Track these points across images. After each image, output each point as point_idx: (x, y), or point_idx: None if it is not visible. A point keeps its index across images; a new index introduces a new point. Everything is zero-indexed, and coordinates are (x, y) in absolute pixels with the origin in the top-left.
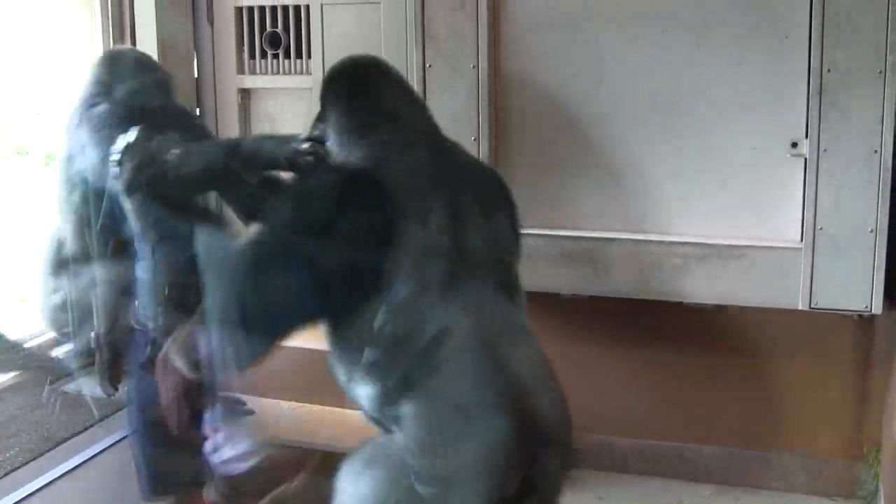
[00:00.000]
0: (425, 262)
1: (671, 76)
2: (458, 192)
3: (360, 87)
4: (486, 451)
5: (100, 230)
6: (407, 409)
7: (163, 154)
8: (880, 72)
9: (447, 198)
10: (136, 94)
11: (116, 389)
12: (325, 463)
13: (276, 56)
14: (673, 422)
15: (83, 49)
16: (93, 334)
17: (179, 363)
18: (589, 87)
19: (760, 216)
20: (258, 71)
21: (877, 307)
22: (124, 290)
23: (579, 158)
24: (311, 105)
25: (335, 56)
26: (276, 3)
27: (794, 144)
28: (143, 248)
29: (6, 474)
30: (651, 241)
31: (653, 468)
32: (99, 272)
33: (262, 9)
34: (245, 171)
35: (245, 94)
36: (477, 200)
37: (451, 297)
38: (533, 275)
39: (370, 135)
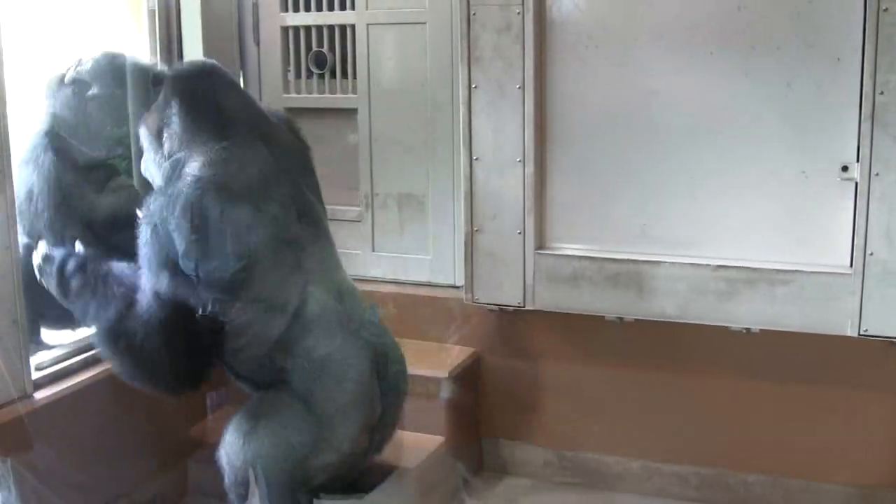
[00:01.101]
0: (279, 239)
1: (719, 98)
2: (287, 170)
3: (204, 96)
4: (357, 389)
5: None
6: (291, 362)
7: None
8: None
9: (283, 177)
10: None
11: None
12: None
13: (321, 76)
14: (717, 448)
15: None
16: None
17: None
18: (635, 109)
19: (809, 241)
20: (304, 90)
21: None
22: None
23: (625, 181)
24: (358, 124)
25: (381, 76)
26: (321, 23)
27: (845, 168)
28: None
29: None
30: (697, 265)
31: (696, 494)
32: None
33: (307, 28)
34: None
35: (291, 113)
36: (300, 169)
37: (307, 259)
38: (577, 297)
39: (214, 138)
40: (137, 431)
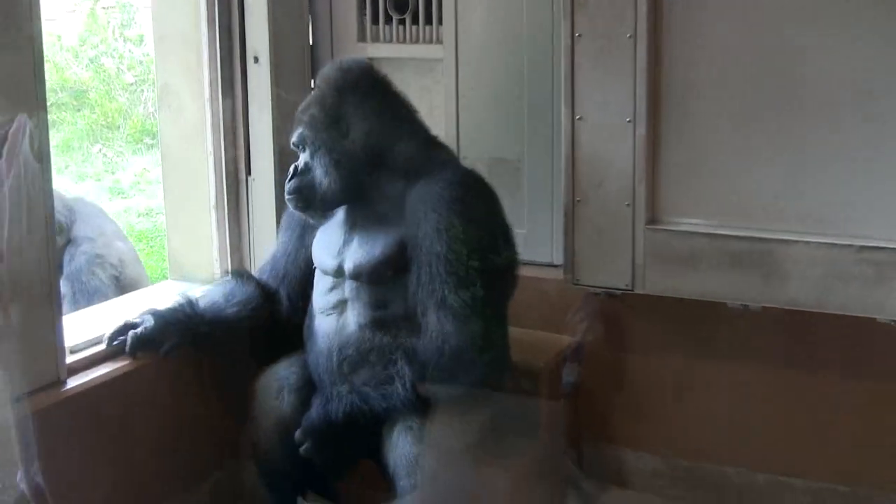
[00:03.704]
0: None
1: (867, 55)
2: None
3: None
4: None
5: None
6: None
7: None
8: None
9: None
10: None
11: None
12: None
13: (402, 22)
14: (858, 461)
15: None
16: None
17: None
18: (766, 63)
19: None
20: (382, 39)
21: None
22: None
23: (753, 147)
24: (442, 78)
25: (471, 22)
26: None
27: None
28: None
29: None
30: (837, 245)
31: None
32: None
33: None
34: None
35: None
36: None
37: None
38: (694, 280)
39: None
40: (183, 423)
